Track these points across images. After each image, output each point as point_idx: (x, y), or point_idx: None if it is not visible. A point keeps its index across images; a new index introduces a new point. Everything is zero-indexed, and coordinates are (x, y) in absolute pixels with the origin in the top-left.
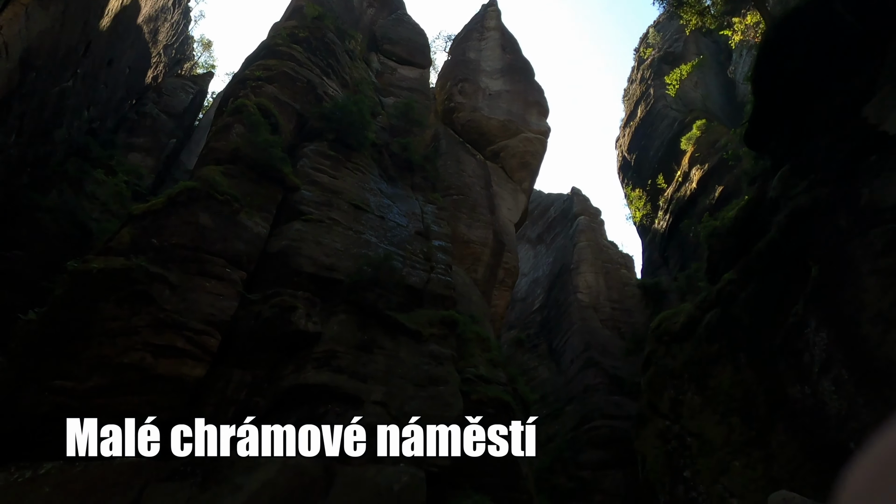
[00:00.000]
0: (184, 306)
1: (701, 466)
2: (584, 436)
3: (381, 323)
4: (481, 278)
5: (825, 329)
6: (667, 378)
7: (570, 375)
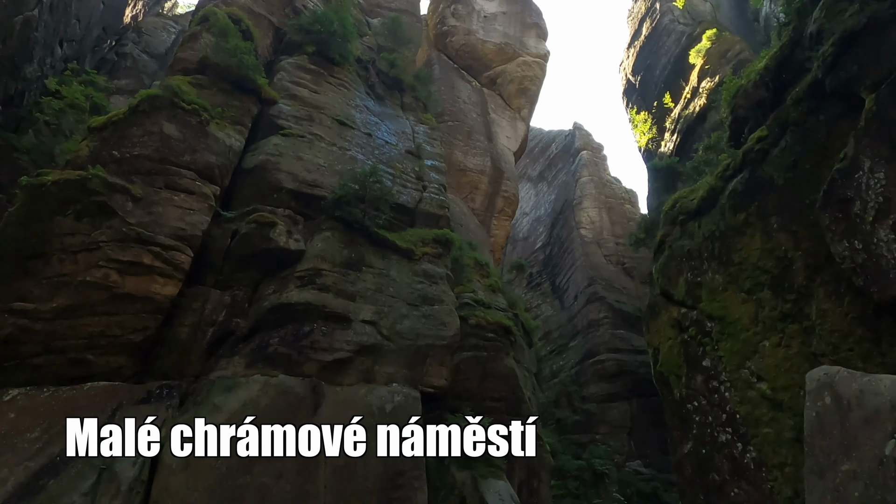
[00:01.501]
0: (150, 220)
1: (723, 352)
2: (590, 370)
3: (370, 241)
4: (479, 207)
5: (882, 168)
6: (683, 260)
7: (574, 311)
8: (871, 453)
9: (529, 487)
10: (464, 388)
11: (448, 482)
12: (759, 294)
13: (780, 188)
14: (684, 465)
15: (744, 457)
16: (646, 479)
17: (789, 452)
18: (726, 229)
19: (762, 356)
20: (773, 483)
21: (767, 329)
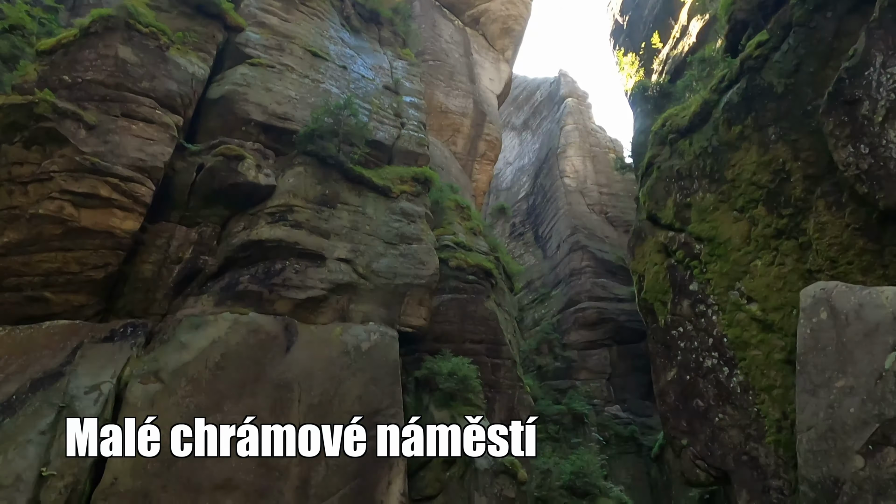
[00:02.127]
0: (106, 150)
1: (712, 274)
2: (571, 318)
3: (345, 177)
4: (461, 151)
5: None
6: (671, 181)
7: (557, 260)
8: (869, 368)
9: None
10: (443, 331)
11: (426, 421)
12: (753, 211)
13: (779, 96)
14: (667, 392)
15: (730, 381)
16: (624, 423)
17: (778, 374)
18: (720, 145)
19: (753, 276)
20: (760, 406)
21: (760, 247)
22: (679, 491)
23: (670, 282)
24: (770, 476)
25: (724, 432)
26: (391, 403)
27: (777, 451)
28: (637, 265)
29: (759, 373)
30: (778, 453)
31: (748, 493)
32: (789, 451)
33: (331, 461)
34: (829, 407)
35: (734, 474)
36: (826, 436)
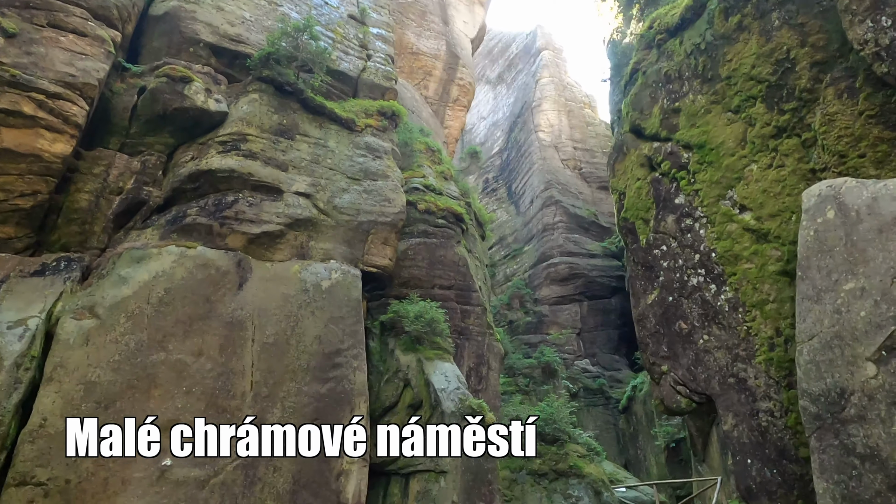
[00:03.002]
0: (29, 61)
1: (701, 184)
2: (543, 273)
3: (304, 107)
4: (433, 96)
5: None
6: (658, 86)
7: (530, 216)
8: (883, 266)
9: (479, 374)
10: (411, 275)
11: (392, 366)
12: (750, 110)
13: None
14: (647, 316)
15: (717, 299)
16: (593, 377)
17: (772, 287)
18: (714, 39)
19: (747, 182)
20: (751, 324)
21: (757, 150)
22: (645, 441)
23: (654, 197)
24: (759, 398)
25: (709, 355)
26: (353, 344)
27: (768, 371)
28: (617, 182)
29: (750, 288)
30: (769, 373)
31: (734, 417)
32: (782, 369)
33: (287, 402)
34: (836, 312)
35: (719, 398)
36: (831, 344)
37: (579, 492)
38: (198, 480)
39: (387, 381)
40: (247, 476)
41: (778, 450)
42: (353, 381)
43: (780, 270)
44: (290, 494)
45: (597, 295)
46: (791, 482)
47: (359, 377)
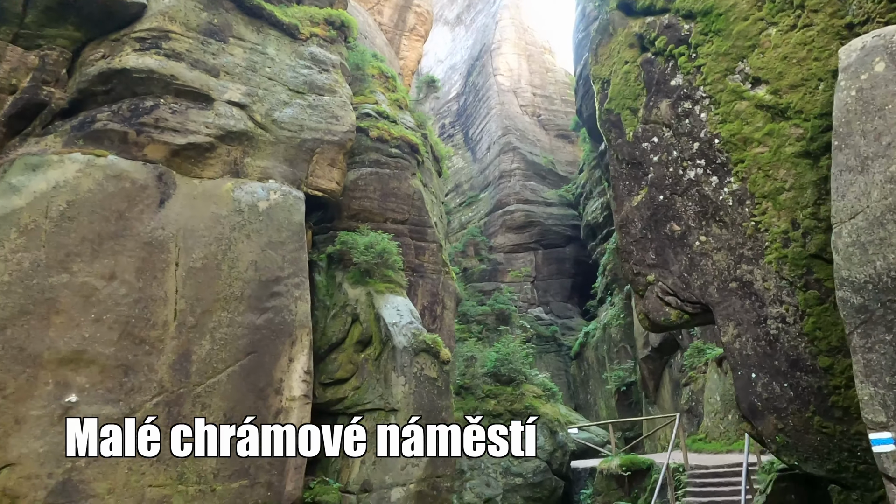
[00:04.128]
0: None
1: (704, 59)
2: (498, 220)
3: (239, 6)
4: (388, 23)
5: None
6: None
7: (486, 163)
8: None
9: (433, 313)
10: (362, 207)
11: (339, 300)
12: None
13: None
14: (631, 221)
15: (719, 193)
16: (546, 324)
17: (789, 173)
18: None
19: (764, 50)
20: (761, 218)
21: (777, 9)
22: (596, 385)
23: (644, 81)
24: (768, 303)
25: (707, 258)
26: (295, 271)
27: (780, 271)
28: (600, 69)
29: (761, 176)
30: (781, 273)
31: (736, 327)
32: (798, 267)
33: (218, 334)
34: (889, 181)
35: (718, 306)
36: (883, 219)
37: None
38: (109, 419)
39: (334, 317)
40: (169, 414)
41: (790, 360)
42: (295, 311)
43: (800, 151)
44: None
45: (552, 244)
46: (806, 396)
47: (301, 308)
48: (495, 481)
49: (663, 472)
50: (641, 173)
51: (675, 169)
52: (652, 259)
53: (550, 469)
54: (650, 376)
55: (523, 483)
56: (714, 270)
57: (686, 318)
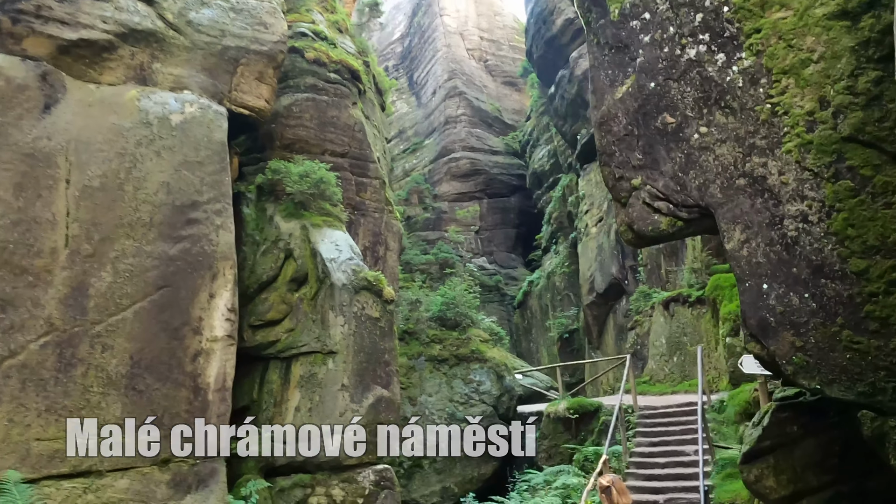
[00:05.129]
0: None
1: None
2: (443, 168)
3: None
4: None
5: None
6: None
7: (432, 108)
8: None
9: (375, 254)
10: (297, 136)
11: (271, 235)
12: None
13: None
14: (613, 117)
15: (725, 74)
16: (489, 274)
17: (819, 39)
18: None
19: None
20: (779, 98)
21: None
22: (538, 334)
23: None
24: (786, 199)
25: (708, 153)
26: (215, 197)
27: (802, 161)
28: None
29: (782, 47)
30: (803, 163)
31: (744, 231)
32: (825, 155)
33: (121, 265)
34: None
35: (722, 208)
36: None
37: (481, 376)
38: None
39: (264, 253)
40: (61, 357)
41: (813, 266)
42: (216, 241)
43: (834, 12)
44: (126, 379)
45: (497, 193)
46: (832, 307)
47: (223, 238)
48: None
49: (616, 413)
50: (628, 58)
51: (672, 49)
52: (638, 160)
53: (497, 414)
54: (594, 322)
55: None
56: (717, 167)
57: (679, 225)
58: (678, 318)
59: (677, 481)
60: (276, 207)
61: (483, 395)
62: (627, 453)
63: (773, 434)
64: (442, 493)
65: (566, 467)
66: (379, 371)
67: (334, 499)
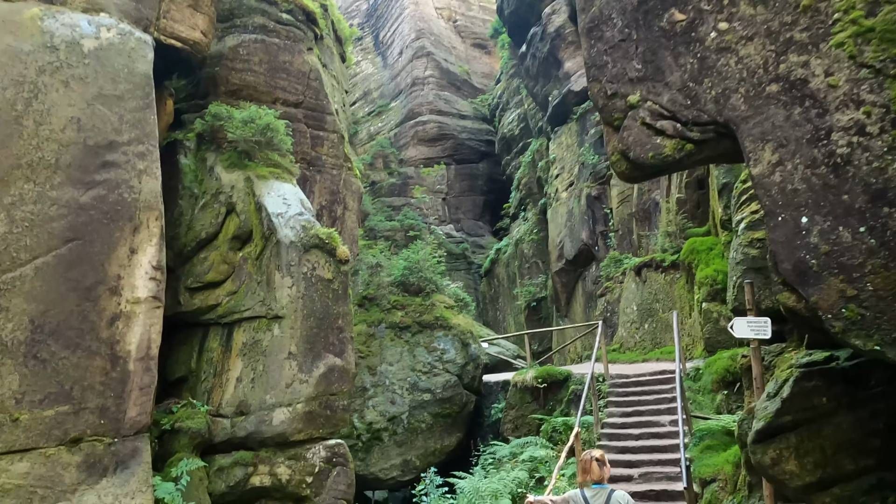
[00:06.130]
0: None
1: None
2: (410, 132)
3: None
4: None
5: None
6: None
7: (398, 69)
8: None
9: (332, 214)
10: (244, 82)
11: (211, 187)
12: None
13: None
14: (606, 19)
15: None
16: (456, 242)
17: None
18: None
19: None
20: None
21: None
22: (505, 302)
23: None
24: (834, 107)
25: (729, 55)
26: (138, 137)
27: (857, 56)
28: None
29: None
30: (860, 58)
31: (777, 150)
32: (891, 45)
33: (18, 212)
34: None
35: (746, 123)
36: None
37: (445, 344)
38: None
39: (203, 207)
40: None
41: (872, 191)
42: (138, 189)
43: None
44: (25, 347)
45: (465, 159)
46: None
47: (147, 185)
48: (401, 398)
49: (588, 382)
50: None
51: None
52: (637, 70)
53: (461, 383)
54: (563, 290)
55: (432, 399)
56: (740, 71)
57: (689, 149)
58: (650, 283)
59: (652, 454)
60: (218, 157)
61: (447, 364)
62: (599, 424)
63: (795, 407)
64: (403, 467)
65: (533, 439)
66: (331, 338)
67: (279, 478)
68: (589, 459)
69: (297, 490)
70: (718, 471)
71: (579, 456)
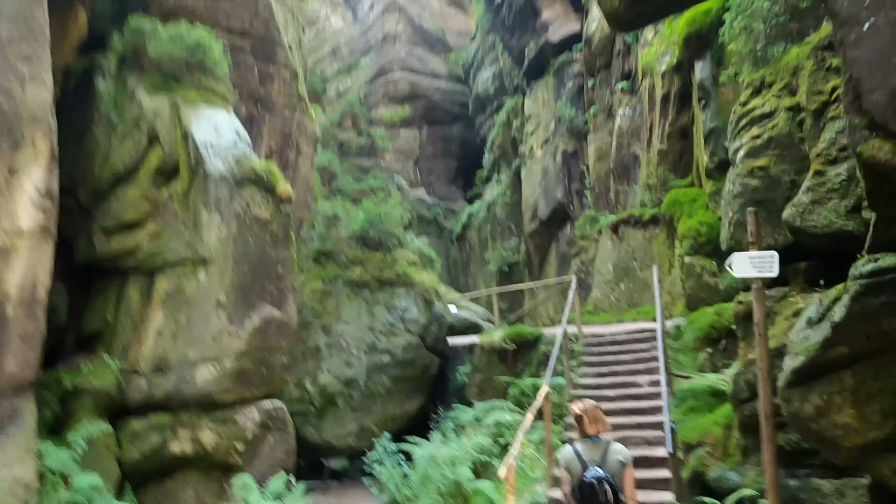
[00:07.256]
0: None
1: None
2: (380, 90)
3: None
4: None
5: None
6: None
7: (369, 23)
8: None
9: (284, 159)
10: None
11: (131, 114)
12: None
13: None
14: None
15: None
16: (428, 206)
17: None
18: None
19: None
20: None
21: None
22: (477, 267)
23: None
24: None
25: None
26: (23, 36)
27: None
28: None
29: None
30: None
31: None
32: None
33: None
34: None
35: None
36: None
37: (407, 302)
38: None
39: (122, 137)
40: None
41: None
42: (20, 97)
43: None
44: None
45: (438, 120)
46: None
47: (33, 95)
48: (358, 360)
49: (559, 339)
50: None
51: None
52: None
53: (424, 345)
54: (536, 252)
55: (391, 361)
56: None
57: None
58: (628, 241)
59: (630, 416)
60: (141, 80)
61: (409, 324)
62: (571, 385)
63: (852, 335)
64: (359, 434)
65: (500, 402)
66: (269, 286)
67: (204, 444)
68: (582, 410)
69: (225, 458)
70: (706, 434)
71: (548, 420)
